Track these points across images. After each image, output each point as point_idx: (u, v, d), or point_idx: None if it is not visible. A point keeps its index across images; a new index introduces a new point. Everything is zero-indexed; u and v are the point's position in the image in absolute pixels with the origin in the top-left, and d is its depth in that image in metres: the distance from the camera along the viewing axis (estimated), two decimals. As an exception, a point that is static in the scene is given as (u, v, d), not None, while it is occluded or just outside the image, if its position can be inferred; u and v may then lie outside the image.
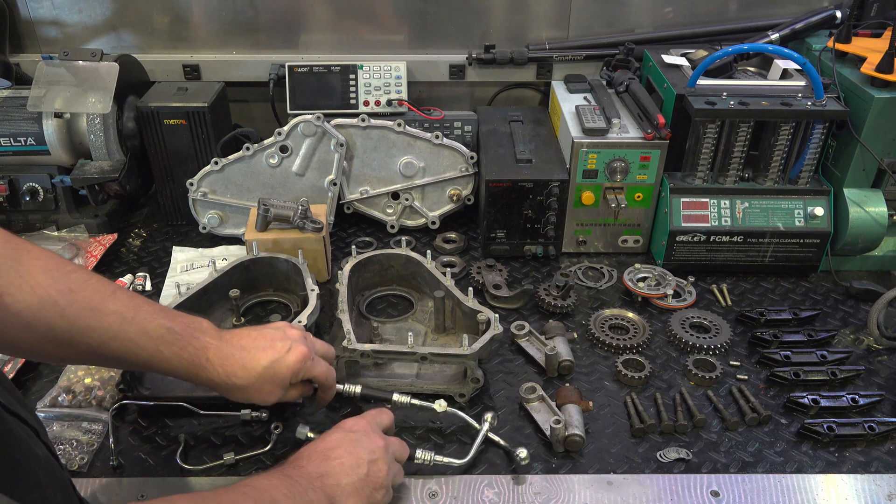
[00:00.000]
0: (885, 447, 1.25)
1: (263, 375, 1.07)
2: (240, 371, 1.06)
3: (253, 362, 1.07)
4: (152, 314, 1.02)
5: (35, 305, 0.89)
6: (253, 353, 1.08)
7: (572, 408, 1.26)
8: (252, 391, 1.08)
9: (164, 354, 1.01)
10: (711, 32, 1.92)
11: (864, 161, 1.59)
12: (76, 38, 1.97)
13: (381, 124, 1.78)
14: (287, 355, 1.10)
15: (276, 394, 1.11)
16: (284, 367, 1.09)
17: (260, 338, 1.10)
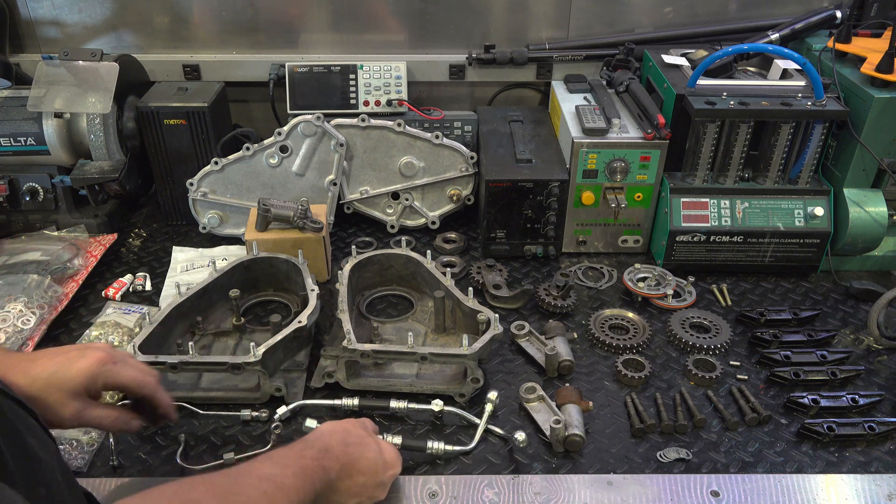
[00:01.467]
0: (885, 447, 1.25)
1: (50, 382, 0.94)
2: (22, 380, 0.92)
3: (37, 369, 0.94)
4: None
5: None
6: (40, 360, 0.96)
7: (572, 408, 1.26)
8: (39, 403, 0.93)
9: None
10: (711, 32, 1.92)
11: (864, 161, 1.59)
12: (76, 38, 1.97)
13: (381, 124, 1.77)
14: (77, 361, 0.96)
15: (71, 406, 0.96)
16: (74, 371, 0.96)
17: (55, 349, 0.99)
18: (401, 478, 1.18)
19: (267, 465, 0.95)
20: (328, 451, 1.02)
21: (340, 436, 1.07)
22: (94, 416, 1.00)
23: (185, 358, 1.28)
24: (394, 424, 1.29)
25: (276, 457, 0.98)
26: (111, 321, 1.47)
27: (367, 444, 1.09)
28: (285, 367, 1.39)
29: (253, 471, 0.92)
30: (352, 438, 1.08)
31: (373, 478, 1.07)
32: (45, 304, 1.49)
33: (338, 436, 1.06)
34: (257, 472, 0.92)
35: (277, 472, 0.93)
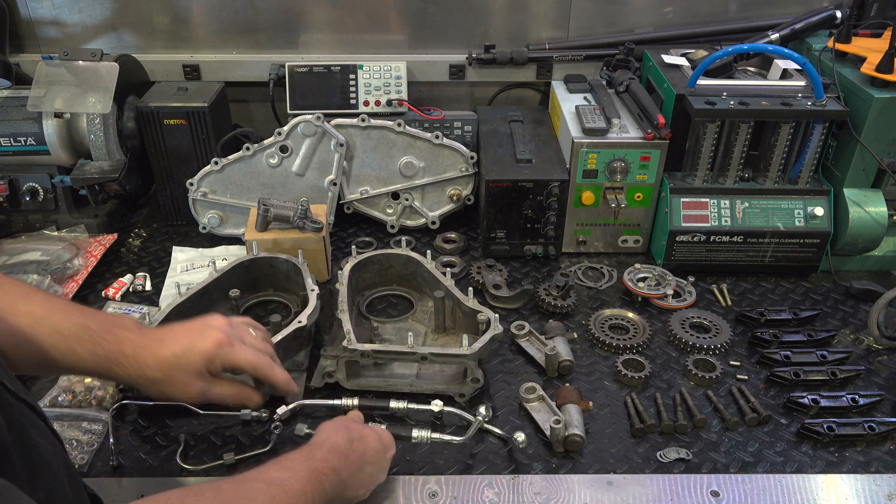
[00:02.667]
0: (885, 447, 1.25)
1: (175, 365, 1.02)
2: (152, 362, 1.01)
3: (165, 351, 1.02)
4: (67, 313, 0.97)
5: None
6: (167, 342, 1.03)
7: (572, 408, 1.26)
8: (166, 384, 1.02)
9: (77, 353, 0.96)
10: (711, 32, 1.92)
11: (864, 161, 1.59)
12: (76, 38, 1.97)
13: (381, 124, 1.77)
14: (199, 341, 1.04)
15: (195, 386, 1.04)
16: (197, 354, 1.03)
17: (179, 328, 1.07)
18: (401, 478, 1.18)
19: (275, 469, 0.94)
20: (337, 451, 1.02)
21: (344, 433, 1.07)
22: (217, 394, 1.08)
23: (185, 358, 1.28)
24: (394, 425, 1.29)
25: (285, 461, 0.97)
26: (111, 321, 1.47)
27: (367, 435, 1.10)
28: (285, 367, 1.38)
29: (261, 476, 0.92)
30: (354, 433, 1.09)
31: (377, 465, 1.10)
32: (45, 304, 1.49)
33: (342, 433, 1.07)
34: (265, 477, 0.92)
35: (286, 476, 0.93)
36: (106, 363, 0.98)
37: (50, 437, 0.85)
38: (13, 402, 0.79)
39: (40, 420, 0.85)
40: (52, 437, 0.86)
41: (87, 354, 0.96)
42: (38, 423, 0.84)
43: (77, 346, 0.96)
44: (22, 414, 0.80)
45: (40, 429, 0.83)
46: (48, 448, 0.82)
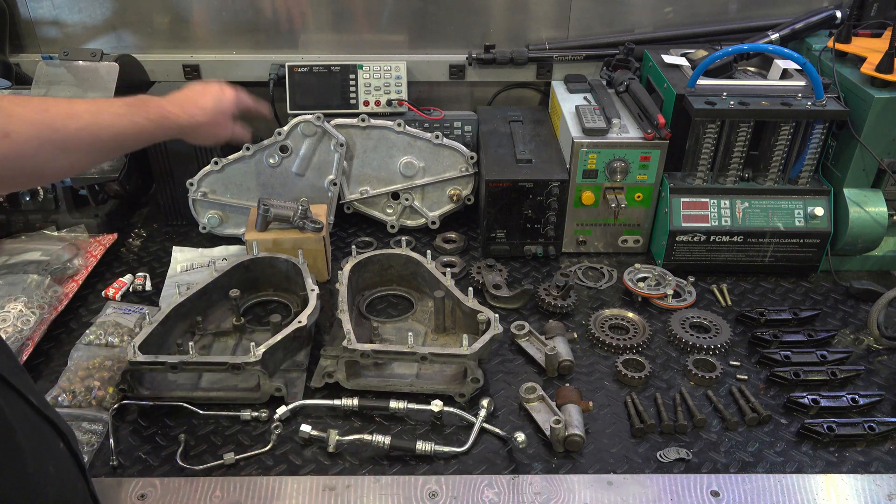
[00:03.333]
0: (885, 447, 1.25)
1: (216, 109, 1.35)
2: (197, 110, 1.32)
3: (204, 101, 1.34)
4: (110, 102, 1.20)
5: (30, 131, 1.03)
6: (200, 96, 1.35)
7: (572, 408, 1.26)
8: (210, 126, 1.35)
9: (138, 122, 1.19)
10: (711, 32, 1.92)
11: (864, 161, 1.59)
12: (76, 38, 1.97)
13: (381, 124, 1.78)
14: (223, 92, 1.39)
15: (228, 127, 1.40)
16: (227, 101, 1.39)
17: (197, 87, 1.37)
18: (401, 478, 1.18)
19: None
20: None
21: None
22: (238, 132, 1.46)
23: (185, 358, 1.28)
24: (394, 424, 1.29)
25: None
26: (111, 321, 1.47)
27: None
28: (285, 367, 1.39)
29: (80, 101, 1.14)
30: None
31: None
32: (45, 304, 1.49)
33: None
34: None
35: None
36: (160, 120, 1.24)
37: (63, 461, 0.87)
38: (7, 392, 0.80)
39: (59, 437, 0.87)
40: (68, 461, 0.88)
41: (145, 121, 1.20)
42: (52, 440, 0.85)
43: (136, 118, 1.19)
44: (7, 404, 0.81)
45: (50, 453, 0.84)
46: (47, 479, 0.83)
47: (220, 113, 1.36)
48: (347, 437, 1.23)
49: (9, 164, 1.01)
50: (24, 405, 0.82)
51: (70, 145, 1.09)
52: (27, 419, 0.82)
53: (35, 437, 0.83)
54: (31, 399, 0.83)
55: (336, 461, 1.22)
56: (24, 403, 0.83)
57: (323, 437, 1.23)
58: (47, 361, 1.43)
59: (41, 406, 0.85)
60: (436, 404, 1.26)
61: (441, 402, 1.27)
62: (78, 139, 1.10)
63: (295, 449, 1.24)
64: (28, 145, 1.02)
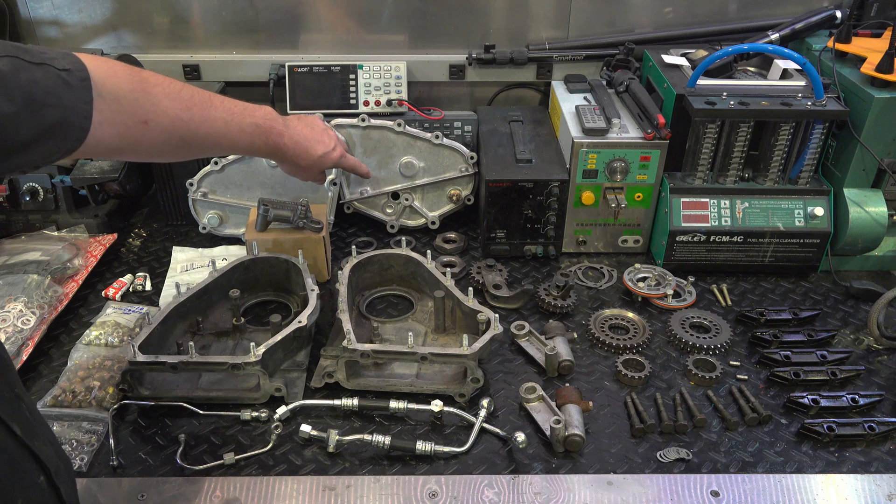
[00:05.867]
0: (885, 447, 1.25)
1: (317, 162, 1.44)
2: (304, 155, 1.40)
3: (313, 150, 1.42)
4: (242, 115, 1.26)
5: (167, 125, 1.10)
6: (312, 143, 1.42)
7: (572, 408, 1.26)
8: (306, 171, 1.46)
9: (256, 144, 1.30)
10: (711, 32, 1.92)
11: (864, 161, 1.59)
12: (76, 38, 1.97)
13: (381, 124, 1.78)
14: (332, 151, 1.47)
15: (319, 178, 1.54)
16: (330, 160, 1.47)
17: (315, 131, 1.44)
18: (401, 478, 1.18)
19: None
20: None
21: None
22: (351, 159, 1.59)
23: (185, 358, 1.28)
24: (393, 424, 1.29)
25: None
26: (111, 321, 1.47)
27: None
28: (285, 367, 1.39)
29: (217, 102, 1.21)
30: None
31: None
32: (45, 304, 1.49)
33: None
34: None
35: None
36: (274, 148, 1.34)
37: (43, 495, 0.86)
38: None
39: (40, 471, 0.86)
40: (49, 496, 0.87)
41: (262, 145, 1.31)
42: (29, 474, 0.84)
43: (257, 140, 1.29)
44: None
45: (22, 488, 0.83)
46: None
47: (318, 165, 1.44)
48: (347, 437, 1.23)
49: (136, 147, 1.07)
50: (3, 435, 0.81)
51: (193, 144, 1.18)
52: (4, 450, 0.81)
53: (8, 469, 0.81)
54: (15, 429, 0.81)
55: (336, 461, 1.22)
56: (4, 433, 0.81)
57: (323, 437, 1.23)
58: (47, 361, 1.43)
59: (25, 437, 0.83)
60: (436, 404, 1.26)
61: (441, 402, 1.27)
62: (202, 143, 1.19)
63: (295, 449, 1.24)
64: (160, 136, 1.09)
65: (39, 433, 0.89)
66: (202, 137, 1.17)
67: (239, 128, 1.24)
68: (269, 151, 1.34)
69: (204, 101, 1.17)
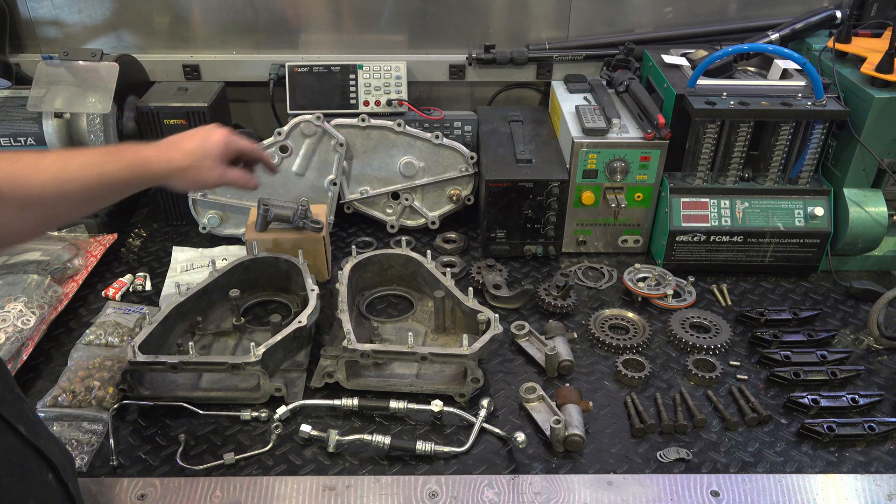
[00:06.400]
0: (885, 447, 1.25)
1: (200, 152, 1.21)
2: (178, 154, 1.19)
3: (187, 144, 1.21)
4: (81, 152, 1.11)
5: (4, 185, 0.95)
6: (183, 140, 1.22)
7: (572, 408, 1.26)
8: (195, 170, 1.21)
9: (111, 171, 1.08)
10: (711, 32, 1.92)
11: (864, 161, 1.59)
12: (76, 38, 1.97)
13: (381, 124, 1.77)
14: (211, 134, 1.24)
15: (217, 170, 1.23)
16: (214, 142, 1.23)
17: (182, 133, 1.24)
18: (401, 478, 1.18)
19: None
20: None
21: None
22: (231, 176, 1.26)
23: (185, 358, 1.28)
24: (393, 424, 1.29)
25: None
26: (111, 321, 1.47)
27: None
28: (285, 367, 1.39)
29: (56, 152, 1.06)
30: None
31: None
32: (45, 304, 1.49)
33: None
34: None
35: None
36: (137, 170, 1.14)
37: (52, 492, 0.86)
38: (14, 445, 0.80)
39: (48, 469, 0.86)
40: (58, 493, 0.87)
41: (118, 170, 1.10)
42: (39, 471, 0.85)
43: (106, 166, 1.09)
44: None
45: (31, 486, 0.83)
46: None
47: (205, 156, 1.21)
48: (347, 437, 1.23)
49: None
50: (10, 437, 0.81)
51: (33, 201, 0.98)
52: (12, 451, 0.81)
53: (18, 470, 0.81)
54: (21, 429, 0.82)
55: (336, 461, 1.22)
56: (11, 435, 0.81)
57: (323, 437, 1.23)
58: (47, 361, 1.43)
59: (31, 436, 0.83)
60: (436, 404, 1.26)
61: (441, 402, 1.27)
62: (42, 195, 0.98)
63: (295, 449, 1.24)
64: None
65: (43, 432, 0.89)
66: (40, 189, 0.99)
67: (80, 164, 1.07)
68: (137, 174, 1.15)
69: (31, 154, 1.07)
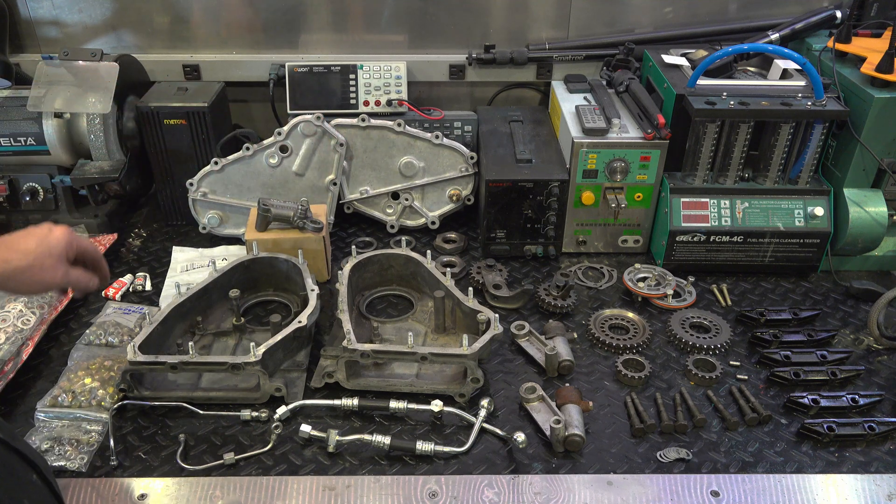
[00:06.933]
0: (885, 447, 1.25)
1: (39, 251, 1.12)
2: (14, 255, 1.10)
3: (24, 244, 1.12)
4: None
5: None
6: (20, 239, 1.13)
7: (572, 408, 1.26)
8: (35, 270, 1.11)
9: None
10: (711, 32, 1.92)
11: (864, 161, 1.59)
12: (76, 38, 1.97)
13: (381, 124, 1.77)
14: (51, 232, 1.15)
15: (60, 269, 1.14)
16: (54, 240, 1.14)
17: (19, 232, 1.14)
18: (401, 478, 1.18)
19: None
20: None
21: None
22: (75, 276, 1.17)
23: (185, 358, 1.28)
24: (393, 424, 1.29)
25: None
26: (111, 321, 1.47)
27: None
28: (285, 367, 1.39)
29: None
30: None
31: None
32: (45, 304, 1.49)
33: None
34: None
35: None
36: None
37: (38, 491, 0.86)
38: None
39: (30, 469, 0.86)
40: (43, 492, 0.87)
41: None
42: (24, 471, 0.85)
43: None
44: None
45: (24, 484, 0.84)
46: None
47: (45, 255, 1.12)
48: (347, 437, 1.23)
49: None
50: None
51: None
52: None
53: (5, 473, 0.81)
54: (1, 434, 0.82)
55: (336, 461, 1.22)
56: None
57: (323, 437, 1.23)
58: (47, 361, 1.43)
59: (10, 439, 0.83)
60: (436, 404, 1.26)
61: (441, 402, 1.27)
62: None
63: (295, 449, 1.24)
64: None
65: (15, 434, 0.89)
66: None
67: None
68: None
69: None
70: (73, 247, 1.17)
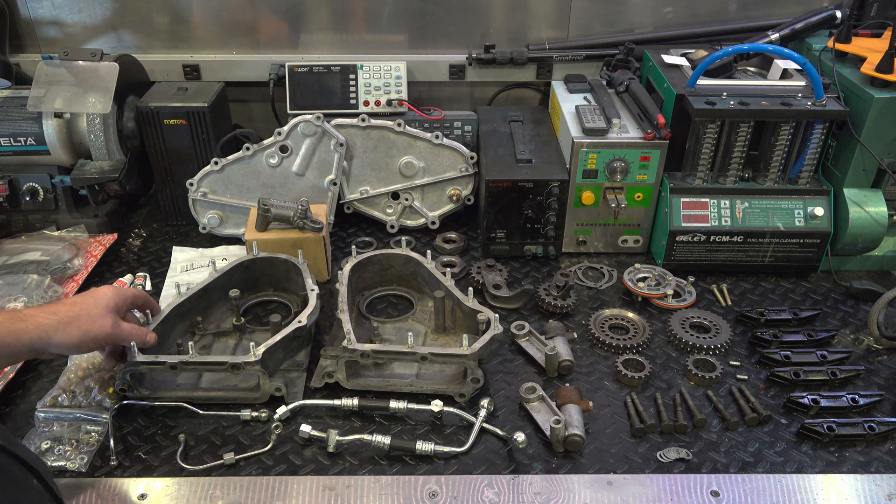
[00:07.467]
0: (885, 447, 1.25)
1: (85, 302, 1.21)
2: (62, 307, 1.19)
3: (72, 299, 1.22)
4: None
5: None
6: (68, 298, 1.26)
7: (572, 408, 1.26)
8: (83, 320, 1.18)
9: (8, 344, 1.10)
10: (711, 32, 1.92)
11: (864, 161, 1.59)
12: (76, 38, 1.97)
13: (381, 124, 1.78)
14: (98, 289, 1.25)
15: (108, 319, 1.22)
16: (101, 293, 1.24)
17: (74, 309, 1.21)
18: (401, 478, 1.18)
19: None
20: None
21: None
22: (127, 329, 1.25)
23: (185, 358, 1.28)
24: (393, 424, 1.29)
25: None
26: (111, 321, 1.47)
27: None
28: (285, 367, 1.39)
29: None
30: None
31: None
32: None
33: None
34: None
35: None
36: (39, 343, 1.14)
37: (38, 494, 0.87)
38: None
39: (30, 473, 0.86)
40: (44, 495, 0.87)
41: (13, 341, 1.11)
42: (24, 476, 0.85)
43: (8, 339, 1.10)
44: None
45: (23, 488, 0.84)
46: None
47: (91, 305, 1.21)
48: (347, 437, 1.23)
49: None
50: None
51: None
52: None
53: (4, 479, 0.82)
54: None
55: (336, 461, 1.22)
56: None
57: (323, 437, 1.23)
58: (47, 361, 1.43)
59: (8, 444, 0.84)
60: (436, 404, 1.26)
61: (441, 402, 1.27)
62: None
63: (295, 449, 1.24)
64: None
65: (14, 438, 0.89)
66: None
67: None
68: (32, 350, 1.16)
69: None
70: (122, 298, 1.25)
